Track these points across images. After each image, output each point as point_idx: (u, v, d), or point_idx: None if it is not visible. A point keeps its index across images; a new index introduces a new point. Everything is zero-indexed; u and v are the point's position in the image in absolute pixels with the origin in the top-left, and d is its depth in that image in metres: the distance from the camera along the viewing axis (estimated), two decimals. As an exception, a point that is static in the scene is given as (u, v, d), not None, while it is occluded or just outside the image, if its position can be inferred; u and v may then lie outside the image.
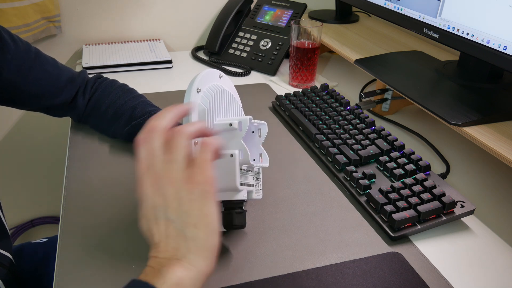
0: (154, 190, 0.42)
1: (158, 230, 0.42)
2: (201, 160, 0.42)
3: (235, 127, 0.53)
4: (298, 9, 1.19)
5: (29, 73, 0.71)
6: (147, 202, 0.43)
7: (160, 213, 0.42)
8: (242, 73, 1.12)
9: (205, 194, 0.41)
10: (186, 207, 0.41)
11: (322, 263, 0.56)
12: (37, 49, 0.74)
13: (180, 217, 0.41)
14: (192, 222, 0.41)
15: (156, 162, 0.42)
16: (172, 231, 0.41)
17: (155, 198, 0.42)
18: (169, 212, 0.41)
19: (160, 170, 0.42)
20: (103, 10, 1.22)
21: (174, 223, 0.41)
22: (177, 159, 0.42)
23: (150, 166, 0.43)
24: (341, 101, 0.88)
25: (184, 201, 0.41)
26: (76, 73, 0.80)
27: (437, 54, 0.99)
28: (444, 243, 0.61)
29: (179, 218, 0.41)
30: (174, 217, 0.41)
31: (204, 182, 0.41)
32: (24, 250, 0.82)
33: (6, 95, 0.71)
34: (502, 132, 0.68)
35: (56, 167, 1.37)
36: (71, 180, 0.70)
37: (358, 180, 0.67)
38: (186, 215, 0.41)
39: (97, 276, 0.53)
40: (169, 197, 0.41)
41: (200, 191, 0.41)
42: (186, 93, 0.54)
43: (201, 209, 0.41)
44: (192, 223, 0.41)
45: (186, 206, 0.41)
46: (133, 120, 0.76)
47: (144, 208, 0.43)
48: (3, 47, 0.67)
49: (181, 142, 0.42)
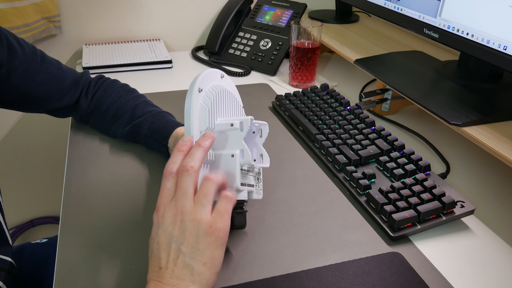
0: (175, 221, 0.46)
1: (168, 256, 0.45)
2: (224, 211, 0.47)
3: (236, 128, 0.54)
4: (298, 9, 1.19)
5: (35, 77, 0.71)
6: (165, 229, 0.46)
7: (174, 243, 0.45)
8: (242, 73, 1.12)
9: (220, 240, 0.46)
10: (202, 246, 0.45)
11: (322, 263, 0.56)
12: (42, 52, 0.74)
13: (193, 253, 0.45)
14: (202, 260, 0.45)
15: (185, 200, 0.47)
16: (181, 262, 0.45)
17: (174, 229, 0.46)
18: (184, 246, 0.45)
19: (186, 208, 0.46)
20: (103, 10, 1.22)
21: (185, 256, 0.45)
22: (205, 204, 0.46)
23: (176, 199, 0.47)
24: (341, 101, 0.88)
25: (201, 241, 0.45)
26: (79, 75, 0.80)
27: (437, 54, 0.99)
28: (444, 243, 0.61)
29: (192, 254, 0.45)
30: (187, 251, 0.45)
31: (222, 230, 0.46)
32: (24, 251, 0.82)
33: (12, 99, 0.71)
34: (502, 132, 0.68)
35: (56, 167, 1.37)
36: (71, 180, 0.70)
37: (358, 180, 0.67)
38: (199, 253, 0.45)
39: (97, 276, 0.53)
40: (189, 233, 0.45)
41: (217, 236, 0.46)
42: (188, 93, 0.54)
43: (213, 252, 0.46)
44: (202, 261, 0.45)
45: (201, 245, 0.45)
46: (134, 120, 0.76)
47: (159, 233, 0.47)
48: (11, 53, 0.67)
49: (212, 191, 0.47)
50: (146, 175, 0.72)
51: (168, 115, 0.76)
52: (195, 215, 0.46)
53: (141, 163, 0.75)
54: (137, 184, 0.70)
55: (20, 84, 0.69)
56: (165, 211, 0.47)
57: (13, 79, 0.68)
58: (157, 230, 0.47)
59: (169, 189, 0.48)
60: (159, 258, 0.46)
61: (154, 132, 0.73)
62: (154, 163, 0.74)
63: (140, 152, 0.77)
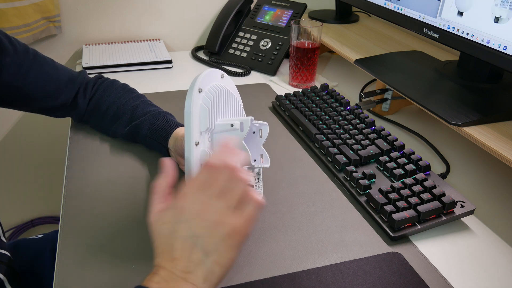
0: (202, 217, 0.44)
1: (183, 249, 0.44)
2: (250, 217, 0.45)
3: (236, 128, 0.54)
4: (298, 9, 1.19)
5: (28, 75, 0.71)
6: (187, 220, 0.44)
7: (195, 238, 0.44)
8: (242, 73, 1.12)
9: (241, 244, 0.45)
10: (222, 248, 0.44)
11: (322, 263, 0.56)
12: (35, 51, 0.74)
13: (212, 253, 0.43)
14: (219, 261, 0.44)
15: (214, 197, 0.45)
16: (197, 257, 0.43)
17: (199, 225, 0.44)
18: (205, 244, 0.43)
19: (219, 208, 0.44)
20: (103, 10, 1.22)
21: (203, 254, 0.43)
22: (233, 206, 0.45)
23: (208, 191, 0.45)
24: (341, 101, 0.88)
25: (223, 243, 0.44)
26: (75, 74, 0.80)
27: (437, 54, 0.99)
28: (444, 243, 0.61)
29: (210, 253, 0.43)
30: (207, 249, 0.43)
31: (246, 235, 0.45)
32: (20, 246, 0.82)
33: (6, 98, 0.71)
34: (502, 132, 0.68)
35: (56, 167, 1.37)
36: (71, 180, 0.70)
37: (358, 180, 0.67)
38: (217, 254, 0.44)
39: (97, 275, 0.53)
40: (212, 234, 0.44)
41: (239, 241, 0.45)
42: (188, 93, 0.54)
43: (232, 254, 0.44)
44: (219, 262, 0.44)
45: (222, 247, 0.44)
46: (134, 120, 0.76)
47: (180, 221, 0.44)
48: (2, 51, 0.67)
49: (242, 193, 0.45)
50: (146, 175, 0.72)
51: (168, 115, 0.76)
52: (223, 217, 0.44)
53: (141, 163, 0.75)
54: (137, 184, 0.70)
55: (12, 82, 0.69)
56: (193, 203, 0.45)
57: (4, 77, 0.68)
58: (176, 218, 0.44)
59: (201, 180, 0.45)
60: (172, 247, 0.44)
61: (154, 132, 0.73)
62: (154, 163, 0.74)
63: (140, 152, 0.77)
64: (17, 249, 0.81)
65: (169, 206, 0.46)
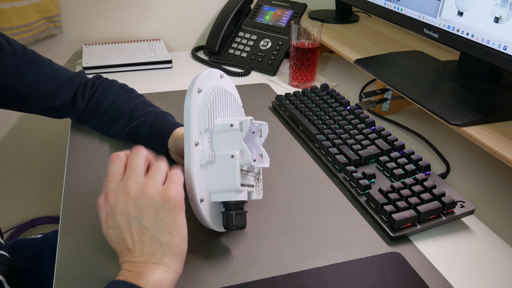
0: (128, 201, 0.46)
1: (132, 237, 0.46)
2: (175, 178, 0.47)
3: (236, 128, 0.54)
4: (298, 9, 1.19)
5: (26, 75, 0.71)
6: (121, 211, 0.46)
7: (134, 221, 0.46)
8: (242, 73, 1.12)
9: (178, 206, 0.46)
10: (162, 216, 0.45)
11: (322, 263, 0.56)
12: (33, 51, 0.74)
13: (156, 225, 0.45)
14: (167, 230, 0.45)
15: (136, 177, 0.47)
16: (147, 238, 0.45)
17: (129, 208, 0.46)
18: (145, 220, 0.45)
19: (138, 184, 0.47)
20: (103, 10, 1.22)
21: (150, 231, 0.45)
22: (157, 178, 0.47)
23: (126, 179, 0.47)
24: (341, 101, 0.88)
25: (160, 211, 0.45)
26: (74, 74, 0.79)
27: (437, 54, 0.99)
28: (444, 243, 0.61)
29: (155, 226, 0.45)
30: (149, 225, 0.45)
31: (178, 196, 0.46)
32: (19, 246, 0.82)
33: (4, 99, 0.71)
34: (502, 132, 0.68)
35: (56, 167, 1.37)
36: (71, 180, 0.70)
37: (358, 180, 0.67)
38: (161, 224, 0.45)
39: (97, 275, 0.53)
40: (145, 207, 0.46)
41: (174, 203, 0.46)
42: (187, 93, 0.54)
43: (174, 218, 0.46)
44: (167, 231, 0.45)
45: (162, 215, 0.45)
46: (133, 120, 0.76)
47: (117, 218, 0.47)
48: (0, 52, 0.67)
49: (163, 166, 0.49)
50: (146, 175, 0.72)
51: (168, 116, 0.76)
52: (148, 189, 0.46)
53: (141, 163, 0.75)
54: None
55: (10, 83, 0.69)
56: (116, 194, 0.47)
57: (2, 78, 0.68)
58: (113, 216, 0.47)
59: (116, 173, 0.48)
60: (124, 241, 0.46)
61: (154, 133, 0.73)
62: (154, 163, 0.74)
63: (140, 152, 0.77)
64: (17, 249, 0.81)
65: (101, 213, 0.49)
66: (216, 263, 0.55)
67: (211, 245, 0.58)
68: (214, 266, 0.55)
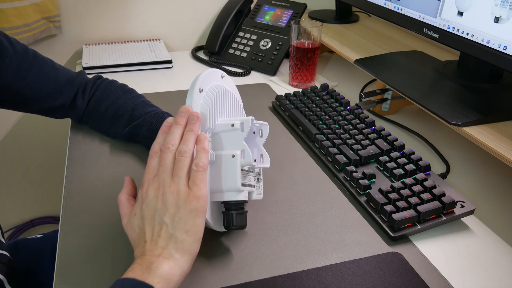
0: (157, 195, 0.49)
1: (152, 229, 0.48)
2: (198, 180, 0.49)
3: (237, 128, 0.54)
4: (298, 9, 1.19)
5: (27, 76, 0.71)
6: (148, 203, 0.49)
7: (158, 215, 0.48)
8: (242, 73, 1.12)
9: (199, 208, 0.49)
10: (182, 215, 0.48)
11: (322, 263, 0.56)
12: (35, 51, 0.74)
13: (175, 222, 0.48)
14: (184, 228, 0.47)
15: (165, 174, 0.50)
16: (164, 232, 0.47)
17: (157, 202, 0.49)
18: (166, 217, 0.48)
19: (166, 181, 0.49)
20: (103, 10, 1.22)
21: (168, 226, 0.47)
22: (181, 176, 0.49)
23: (158, 175, 0.50)
24: (341, 101, 0.88)
25: (182, 210, 0.48)
26: (74, 74, 0.79)
27: (437, 54, 1.00)
28: (444, 243, 0.61)
29: (174, 223, 0.48)
30: (169, 221, 0.48)
31: (201, 198, 0.49)
32: (19, 246, 0.82)
33: (5, 99, 0.71)
34: (502, 132, 0.68)
35: (56, 167, 1.37)
36: (71, 180, 0.70)
37: (358, 180, 0.67)
38: (180, 221, 0.48)
39: (97, 276, 0.53)
40: (169, 204, 0.48)
41: (196, 205, 0.48)
42: (188, 93, 0.54)
43: (194, 219, 0.48)
44: (184, 229, 0.47)
45: (182, 214, 0.48)
46: (133, 121, 0.76)
47: (144, 208, 0.50)
48: (1, 52, 0.67)
49: (186, 163, 0.50)
50: (146, 175, 0.72)
51: (167, 116, 0.76)
52: (173, 186, 0.49)
53: (141, 163, 0.75)
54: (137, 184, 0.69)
55: (11, 83, 0.69)
56: (149, 187, 0.50)
57: (4, 78, 0.68)
58: (141, 206, 0.50)
59: (153, 167, 0.51)
60: (144, 232, 0.48)
61: (154, 133, 0.73)
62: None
63: (140, 152, 0.77)
64: (17, 249, 0.81)
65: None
66: (216, 263, 0.55)
67: (211, 245, 0.58)
68: (214, 266, 0.55)
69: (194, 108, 0.53)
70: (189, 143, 0.51)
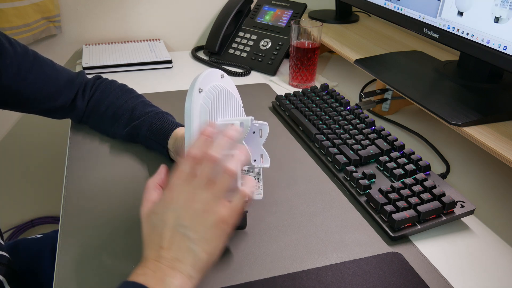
0: (187, 207, 0.46)
1: (172, 238, 0.45)
2: (236, 207, 0.47)
3: None
4: (298, 9, 1.19)
5: (27, 76, 0.71)
6: (175, 210, 0.46)
7: (182, 228, 0.45)
8: (242, 73, 1.12)
9: (226, 234, 0.47)
10: (209, 237, 0.45)
11: (322, 263, 0.56)
12: (35, 52, 0.74)
13: (199, 241, 0.45)
14: (207, 249, 0.45)
15: (202, 188, 0.46)
16: (185, 247, 0.45)
17: (185, 214, 0.46)
18: (192, 232, 0.45)
19: (203, 198, 0.46)
20: (103, 10, 1.22)
21: (191, 242, 0.45)
22: (221, 197, 0.46)
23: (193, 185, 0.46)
24: (341, 101, 0.88)
25: (210, 232, 0.45)
26: (74, 75, 0.79)
27: (437, 54, 0.99)
28: (444, 243, 0.61)
29: (198, 241, 0.45)
30: (194, 237, 0.45)
31: (231, 225, 0.47)
32: (20, 246, 0.82)
33: (5, 99, 0.71)
34: (502, 132, 0.68)
35: (56, 167, 1.37)
36: (71, 180, 0.70)
37: (358, 180, 0.67)
38: (205, 242, 0.45)
39: (97, 276, 0.53)
40: (198, 222, 0.45)
41: (225, 231, 0.47)
42: (188, 93, 0.54)
43: (218, 243, 0.46)
44: (206, 250, 0.45)
45: (209, 236, 0.45)
46: (133, 121, 0.76)
47: (167, 212, 0.46)
48: (2, 52, 0.67)
49: (229, 185, 0.47)
50: (146, 175, 0.72)
51: (167, 116, 0.76)
52: (210, 206, 0.46)
53: (141, 163, 0.75)
54: (137, 184, 0.70)
55: (11, 84, 0.69)
56: (180, 194, 0.46)
57: (4, 79, 0.68)
58: (165, 208, 0.46)
59: (186, 172, 0.47)
60: (161, 236, 0.45)
61: (154, 133, 0.73)
62: (154, 163, 0.74)
63: (140, 152, 0.77)
64: (17, 249, 0.81)
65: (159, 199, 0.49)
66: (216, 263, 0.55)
67: (211, 245, 0.58)
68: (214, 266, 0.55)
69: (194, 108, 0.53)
70: (237, 163, 0.47)
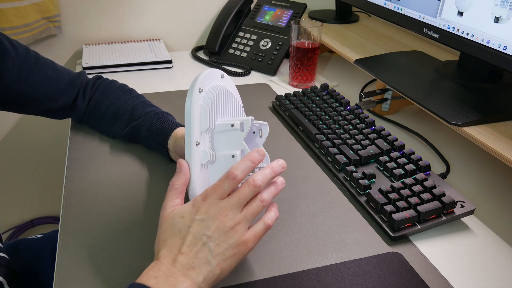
0: (217, 220, 0.47)
1: (193, 246, 0.47)
2: (260, 234, 0.50)
3: (237, 128, 0.54)
4: (298, 9, 1.19)
5: (29, 78, 0.71)
6: (204, 220, 0.47)
7: (207, 238, 0.47)
8: (242, 73, 1.12)
9: (242, 257, 0.49)
10: (228, 254, 0.47)
11: (322, 263, 0.56)
12: (36, 53, 0.74)
13: (218, 255, 0.47)
14: (222, 265, 0.47)
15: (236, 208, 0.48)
16: (203, 256, 0.46)
17: (213, 226, 0.47)
18: (214, 245, 0.47)
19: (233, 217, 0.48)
20: (103, 10, 1.22)
21: (211, 255, 0.46)
22: (250, 220, 0.49)
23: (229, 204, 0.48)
24: (341, 101, 0.88)
25: (230, 249, 0.47)
26: (75, 75, 0.79)
27: (437, 54, 1.00)
28: (444, 243, 0.61)
29: (217, 255, 0.47)
30: (214, 250, 0.47)
31: (249, 249, 0.49)
32: (20, 246, 0.82)
33: (6, 100, 0.71)
34: (502, 132, 0.68)
35: (56, 167, 1.37)
36: (71, 180, 0.70)
37: (358, 180, 0.67)
38: (222, 258, 0.47)
39: (97, 276, 0.53)
40: (223, 238, 0.47)
41: (243, 253, 0.48)
42: (188, 93, 0.54)
43: (233, 262, 0.48)
44: (221, 266, 0.47)
45: (228, 253, 0.47)
46: (133, 121, 0.76)
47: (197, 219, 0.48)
48: (4, 54, 0.67)
49: (259, 211, 0.50)
50: (146, 175, 0.72)
51: (167, 116, 0.76)
52: (237, 225, 0.48)
53: (141, 163, 0.75)
54: (137, 184, 0.70)
55: (13, 85, 0.69)
56: (213, 206, 0.48)
57: (6, 80, 0.68)
58: (195, 215, 0.48)
59: (225, 190, 0.48)
60: (183, 241, 0.47)
61: (154, 133, 0.73)
62: (154, 163, 0.74)
63: (140, 152, 0.77)
64: (17, 249, 0.81)
65: (188, 203, 0.49)
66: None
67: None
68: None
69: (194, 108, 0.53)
70: (271, 196, 0.51)
